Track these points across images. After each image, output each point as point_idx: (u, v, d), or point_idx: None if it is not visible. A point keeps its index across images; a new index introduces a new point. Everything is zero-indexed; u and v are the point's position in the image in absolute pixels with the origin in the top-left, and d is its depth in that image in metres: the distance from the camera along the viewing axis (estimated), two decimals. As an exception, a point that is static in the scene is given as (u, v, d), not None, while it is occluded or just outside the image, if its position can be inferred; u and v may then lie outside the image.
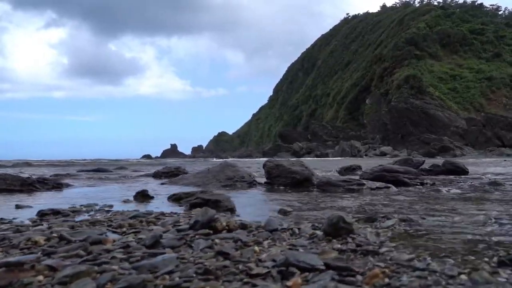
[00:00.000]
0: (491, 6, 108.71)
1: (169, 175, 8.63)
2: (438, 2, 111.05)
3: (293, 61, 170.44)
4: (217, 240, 2.21)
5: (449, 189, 5.23)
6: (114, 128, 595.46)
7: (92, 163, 25.90)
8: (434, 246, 2.12)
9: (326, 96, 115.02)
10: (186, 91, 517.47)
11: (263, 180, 6.45)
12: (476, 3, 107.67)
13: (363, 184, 5.24)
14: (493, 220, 2.89)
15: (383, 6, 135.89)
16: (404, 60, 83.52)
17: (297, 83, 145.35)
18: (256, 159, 55.28)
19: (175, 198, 4.43)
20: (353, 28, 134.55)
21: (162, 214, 3.38)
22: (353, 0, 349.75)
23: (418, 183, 5.88)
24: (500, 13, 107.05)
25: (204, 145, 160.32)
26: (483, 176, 7.72)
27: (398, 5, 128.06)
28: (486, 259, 1.86)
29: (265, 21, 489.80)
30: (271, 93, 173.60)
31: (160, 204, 4.34)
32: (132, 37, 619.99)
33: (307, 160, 49.24)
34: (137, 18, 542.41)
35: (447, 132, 59.82)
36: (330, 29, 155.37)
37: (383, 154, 55.94)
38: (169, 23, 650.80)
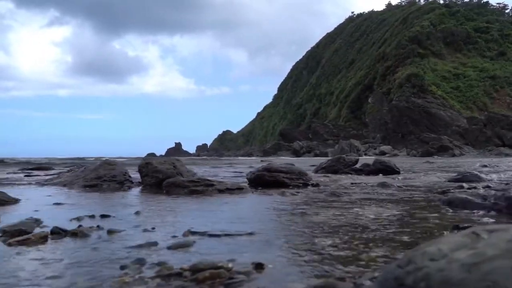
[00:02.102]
0: (497, 5, 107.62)
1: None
2: (444, 0, 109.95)
3: (296, 60, 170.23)
4: None
5: (324, 192, 4.90)
6: (119, 126, 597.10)
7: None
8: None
9: (330, 94, 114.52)
10: (190, 90, 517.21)
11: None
12: (482, 1, 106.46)
13: (212, 185, 4.80)
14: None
15: (389, 4, 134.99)
16: (407, 59, 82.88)
17: (302, 82, 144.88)
18: (253, 158, 55.20)
19: None
20: (357, 26, 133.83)
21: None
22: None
23: (300, 184, 5.55)
24: (507, 11, 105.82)
25: (209, 144, 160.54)
26: (398, 178, 7.42)
27: (403, 3, 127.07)
28: None
29: (268, 19, 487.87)
30: (275, 92, 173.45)
31: None
32: (134, 36, 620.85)
33: (301, 159, 48.83)
34: (139, 16, 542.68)
35: (447, 131, 59.24)
36: (335, 28, 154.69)
37: (383, 153, 55.47)
38: (171, 22, 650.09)
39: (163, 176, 5.25)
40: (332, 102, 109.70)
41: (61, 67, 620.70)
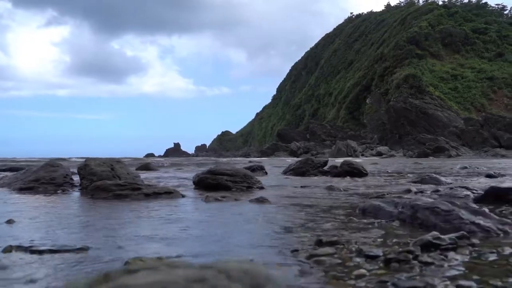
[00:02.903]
0: (496, 6, 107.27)
1: None
2: (443, 1, 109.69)
3: (295, 60, 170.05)
4: None
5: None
6: (118, 126, 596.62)
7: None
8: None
9: (329, 95, 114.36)
10: (189, 90, 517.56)
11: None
12: (481, 2, 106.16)
13: (139, 189, 4.51)
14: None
15: (387, 5, 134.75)
16: (405, 60, 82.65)
17: (300, 83, 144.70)
18: (249, 159, 54.95)
19: None
20: (356, 27, 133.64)
21: None
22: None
23: (244, 187, 5.36)
24: (505, 12, 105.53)
25: (208, 144, 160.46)
26: (358, 180, 7.22)
27: (402, 4, 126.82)
28: None
29: (267, 20, 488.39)
30: (274, 92, 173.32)
31: None
32: (133, 36, 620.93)
33: (290, 160, 48.76)
34: (137, 16, 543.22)
35: (444, 132, 59.03)
36: (334, 28, 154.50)
37: (379, 154, 55.35)
38: (170, 22, 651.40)
39: (97, 179, 5.02)
40: (330, 103, 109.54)
41: (60, 67, 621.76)
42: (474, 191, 4.46)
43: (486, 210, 2.32)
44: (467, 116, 64.76)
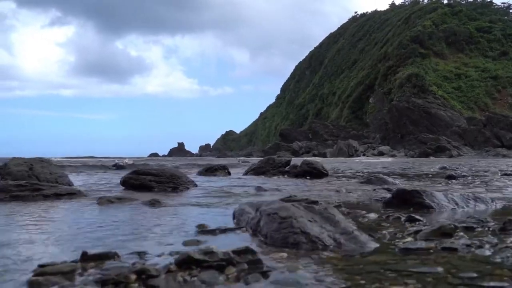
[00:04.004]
0: (502, 4, 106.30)
1: None
2: (448, 0, 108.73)
3: (297, 59, 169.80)
4: None
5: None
6: (122, 126, 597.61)
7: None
8: None
9: (332, 95, 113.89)
10: (193, 90, 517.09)
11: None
12: (486, 1, 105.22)
13: (40, 190, 4.30)
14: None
15: (392, 4, 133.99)
16: (408, 59, 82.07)
17: (304, 82, 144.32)
18: (252, 158, 54.76)
19: None
20: (360, 26, 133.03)
21: None
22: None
23: (169, 188, 5.22)
24: (511, 11, 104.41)
25: (212, 144, 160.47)
26: (307, 181, 6.98)
27: (407, 3, 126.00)
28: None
29: (269, 19, 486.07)
30: (276, 91, 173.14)
31: None
32: (136, 36, 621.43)
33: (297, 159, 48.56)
34: (141, 16, 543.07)
35: (446, 132, 58.48)
36: (338, 28, 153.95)
37: (381, 153, 54.99)
38: (173, 21, 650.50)
39: (12, 178, 4.81)
40: (334, 102, 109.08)
41: (64, 67, 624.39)
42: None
43: (341, 217, 2.06)
44: (470, 116, 64.12)
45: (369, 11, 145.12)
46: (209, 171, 9.07)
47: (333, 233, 1.88)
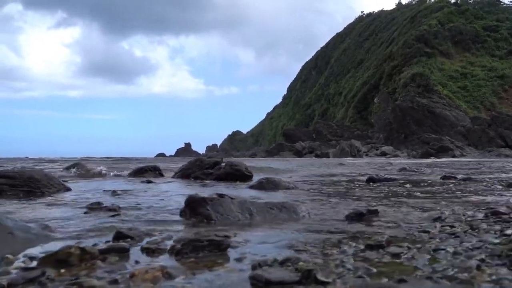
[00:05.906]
0: (510, 3, 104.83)
1: None
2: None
3: (302, 59, 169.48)
4: None
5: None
6: (129, 126, 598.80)
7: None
8: None
9: (338, 95, 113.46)
10: (199, 90, 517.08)
11: None
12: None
13: None
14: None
15: (399, 3, 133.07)
16: (414, 58, 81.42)
17: (311, 82, 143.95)
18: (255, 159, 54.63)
19: None
20: (366, 26, 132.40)
21: None
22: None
23: (23, 192, 5.00)
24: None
25: (219, 144, 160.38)
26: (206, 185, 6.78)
27: (413, 2, 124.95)
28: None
29: (274, 19, 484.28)
30: (284, 92, 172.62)
31: None
32: (141, 36, 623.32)
33: (296, 160, 48.07)
34: (144, 17, 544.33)
35: (450, 132, 57.88)
36: (344, 28, 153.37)
37: (384, 154, 54.52)
38: (178, 22, 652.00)
39: None
40: (340, 102, 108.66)
41: (71, 68, 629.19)
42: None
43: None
44: (476, 115, 63.35)
45: (376, 10, 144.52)
46: (139, 172, 8.86)
47: None
